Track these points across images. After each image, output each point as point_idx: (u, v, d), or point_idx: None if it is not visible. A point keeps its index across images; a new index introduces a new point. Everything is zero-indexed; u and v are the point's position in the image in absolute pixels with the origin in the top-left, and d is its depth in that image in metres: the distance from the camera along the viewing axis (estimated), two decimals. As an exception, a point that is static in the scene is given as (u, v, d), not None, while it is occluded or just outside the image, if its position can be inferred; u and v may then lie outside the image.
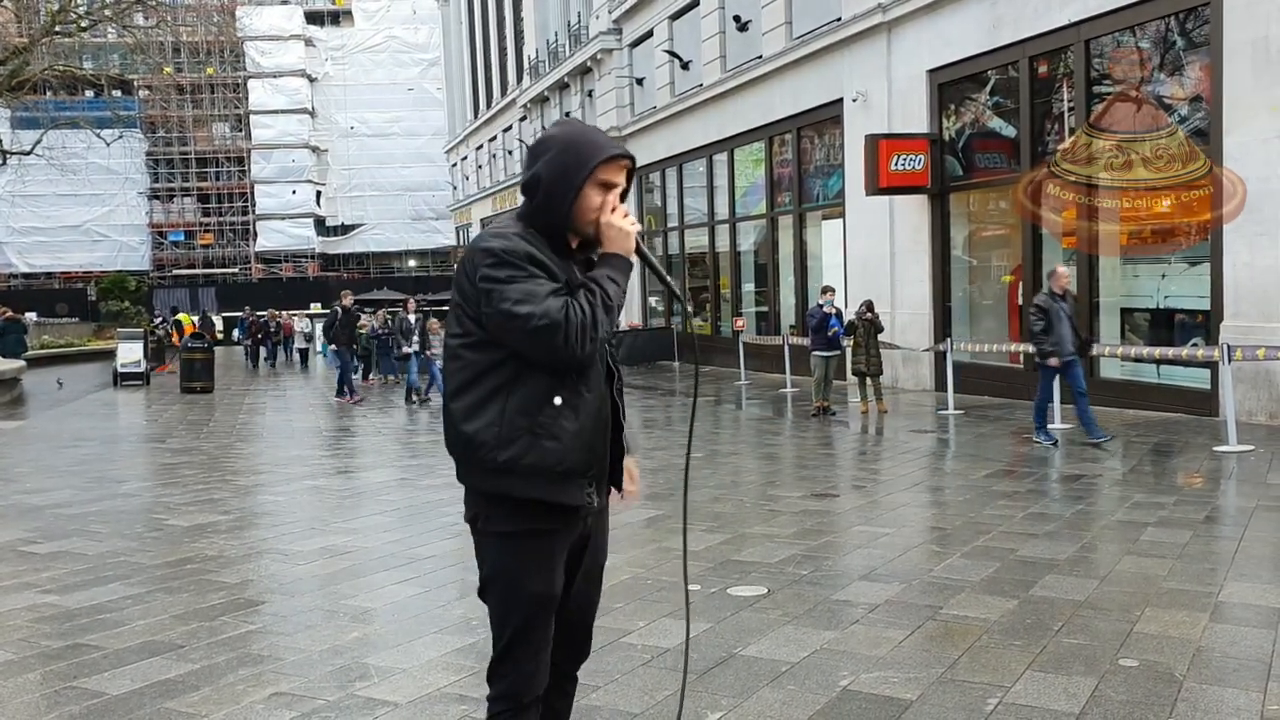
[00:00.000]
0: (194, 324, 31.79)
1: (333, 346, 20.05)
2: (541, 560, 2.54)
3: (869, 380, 13.49)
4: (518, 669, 2.55)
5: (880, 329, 13.57)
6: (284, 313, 35.51)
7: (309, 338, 31.71)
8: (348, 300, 20.39)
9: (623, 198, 2.62)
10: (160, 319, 35.20)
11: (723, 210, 23.39)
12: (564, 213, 2.52)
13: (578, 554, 2.66)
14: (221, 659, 4.44)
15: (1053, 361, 9.98)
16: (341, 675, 4.22)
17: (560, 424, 2.45)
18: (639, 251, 2.55)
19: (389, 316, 24.48)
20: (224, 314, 47.93)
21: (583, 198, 2.52)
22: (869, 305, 13.63)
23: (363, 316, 25.04)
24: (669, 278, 2.59)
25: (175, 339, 29.46)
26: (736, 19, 21.41)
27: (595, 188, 2.53)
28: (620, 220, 2.54)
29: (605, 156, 2.53)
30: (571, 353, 2.39)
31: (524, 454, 2.43)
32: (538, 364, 2.42)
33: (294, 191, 62.05)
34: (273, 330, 32.56)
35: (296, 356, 31.98)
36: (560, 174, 2.51)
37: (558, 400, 2.44)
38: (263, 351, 32.21)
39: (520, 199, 2.70)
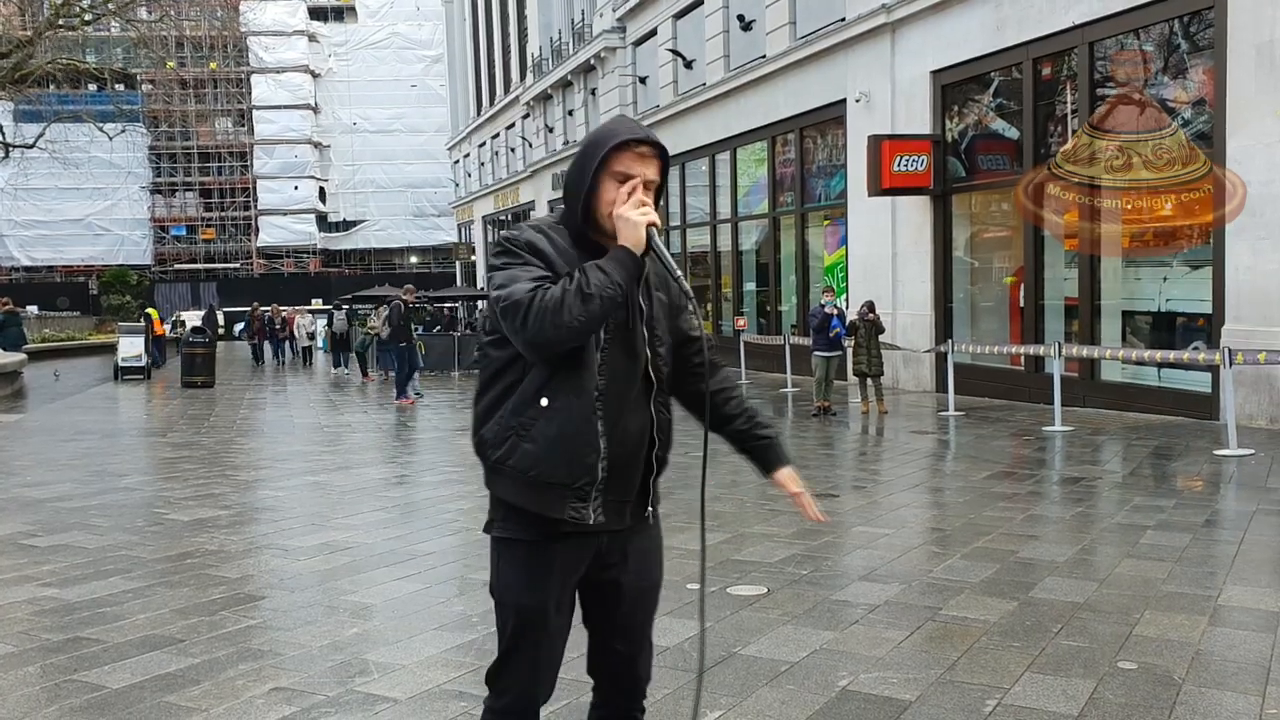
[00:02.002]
0: (160, 320, 30.69)
1: (398, 343, 17.73)
2: (532, 572, 2.42)
3: (870, 381, 13.49)
4: (513, 679, 2.48)
5: (881, 330, 13.57)
6: (287, 308, 34.59)
7: (312, 335, 31.01)
8: (409, 295, 19.31)
9: (658, 192, 2.42)
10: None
11: (725, 210, 23.39)
12: (581, 210, 2.39)
13: (604, 578, 2.49)
14: (221, 654, 4.45)
15: None
16: (341, 671, 4.22)
17: (539, 427, 2.33)
18: (650, 244, 2.33)
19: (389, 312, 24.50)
20: (224, 309, 47.89)
21: (600, 192, 2.37)
22: (870, 306, 13.63)
23: (371, 315, 24.98)
24: (680, 274, 2.40)
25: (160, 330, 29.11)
26: (740, 18, 21.41)
27: (611, 180, 2.36)
28: (629, 210, 2.32)
29: (615, 143, 2.36)
30: (530, 336, 2.24)
31: (508, 455, 2.36)
32: (531, 357, 2.32)
33: (296, 187, 62.13)
34: (278, 326, 31.61)
35: (300, 354, 30.83)
36: (578, 170, 2.40)
37: (544, 402, 2.33)
38: (269, 348, 31.36)
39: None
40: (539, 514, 2.37)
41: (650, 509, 2.52)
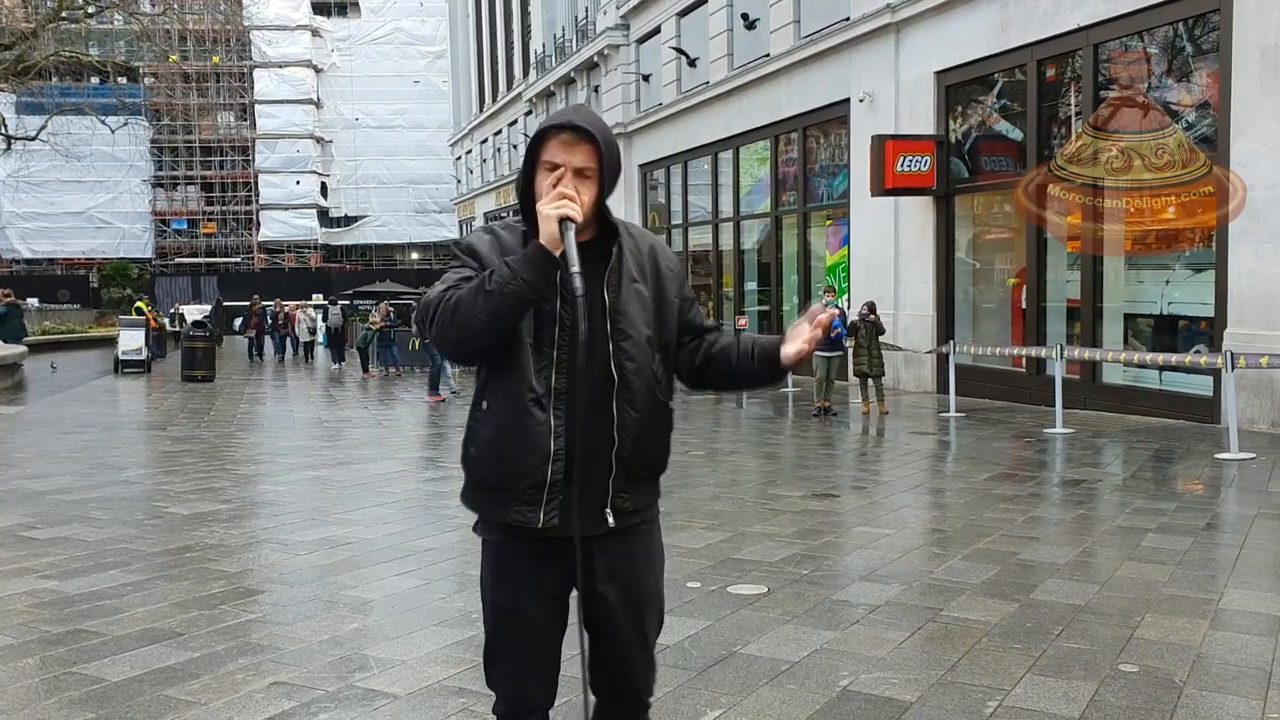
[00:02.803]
0: (153, 312, 30.17)
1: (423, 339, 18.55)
2: (501, 572, 2.41)
3: (870, 381, 13.48)
4: (500, 677, 2.47)
5: (881, 330, 13.56)
6: (290, 303, 33.32)
7: (313, 331, 29.81)
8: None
9: (604, 178, 2.27)
10: (150, 307, 34.53)
11: (727, 208, 23.38)
12: (526, 211, 2.30)
13: (590, 587, 2.39)
14: (221, 647, 4.44)
15: None
16: (341, 666, 4.22)
17: (479, 430, 2.34)
18: (563, 241, 2.17)
19: (390, 309, 24.51)
20: (225, 304, 47.81)
21: (536, 184, 2.28)
22: (871, 307, 13.62)
23: (372, 311, 24.90)
24: (576, 269, 2.14)
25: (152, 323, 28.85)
26: (744, 17, 21.39)
27: (543, 171, 2.28)
28: (543, 204, 2.20)
29: (539, 133, 2.28)
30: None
31: (464, 458, 2.41)
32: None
33: (298, 182, 62.12)
34: (280, 322, 30.61)
35: (301, 350, 29.83)
36: (521, 168, 2.35)
37: (484, 405, 2.33)
38: (270, 343, 30.47)
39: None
40: (488, 517, 2.38)
41: (609, 512, 2.35)
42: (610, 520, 2.35)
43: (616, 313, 2.32)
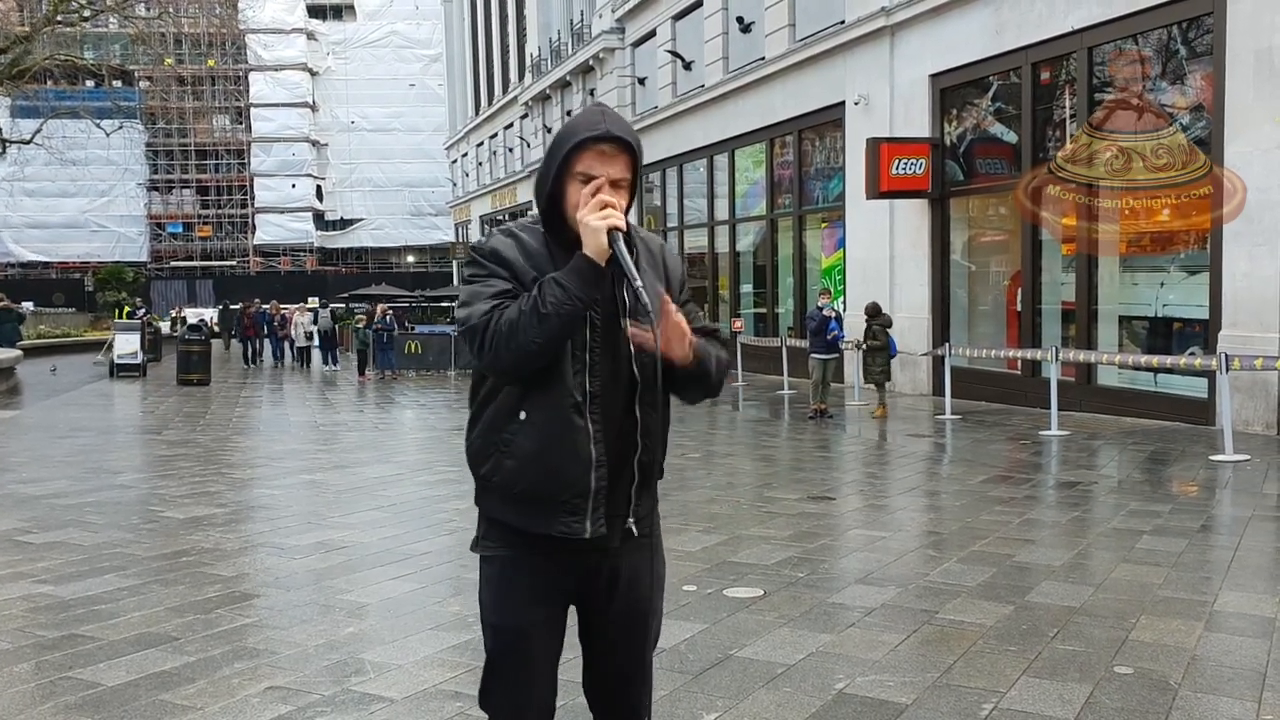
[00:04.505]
0: (131, 315, 29.47)
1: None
2: (510, 591, 2.33)
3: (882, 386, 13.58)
4: (499, 701, 2.40)
5: (889, 325, 13.69)
6: (288, 306, 31.96)
7: (310, 335, 28.06)
8: None
9: (632, 188, 2.29)
10: (144, 310, 34.20)
11: (722, 211, 23.40)
12: (549, 213, 2.28)
13: (593, 602, 2.37)
14: (217, 652, 4.43)
15: None
16: (337, 670, 4.21)
17: (519, 442, 2.24)
18: (614, 251, 2.16)
19: (387, 311, 24.50)
20: (216, 306, 47.71)
21: (566, 195, 2.25)
22: (877, 307, 13.72)
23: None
24: (640, 284, 2.15)
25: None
26: (739, 20, 21.42)
27: (575, 181, 2.23)
28: (589, 215, 2.17)
29: (574, 143, 2.22)
30: (488, 363, 2.18)
31: (494, 471, 2.28)
32: (499, 381, 2.24)
33: (293, 185, 62.10)
34: (277, 324, 29.52)
35: (297, 355, 28.38)
36: (542, 172, 2.29)
37: (523, 415, 2.23)
38: (268, 347, 29.59)
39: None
40: (525, 530, 2.28)
41: (632, 520, 2.31)
42: (634, 529, 2.31)
43: (635, 311, 2.25)
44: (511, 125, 39.96)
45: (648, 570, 2.39)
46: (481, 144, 45.15)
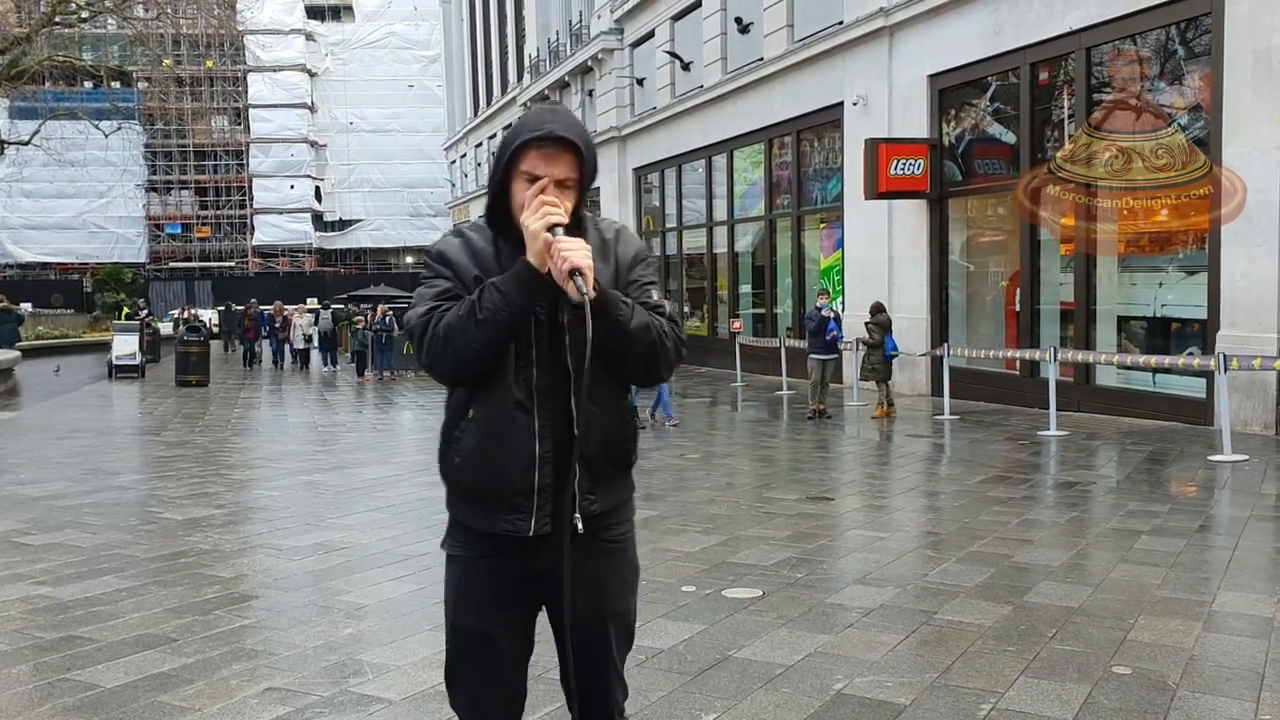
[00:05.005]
0: (128, 316, 29.25)
1: None
2: (465, 590, 2.32)
3: (879, 383, 13.57)
4: (462, 700, 2.38)
5: (888, 328, 13.71)
6: (289, 307, 31.11)
7: (309, 337, 27.42)
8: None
9: (582, 188, 2.23)
10: (145, 311, 34.05)
11: (721, 212, 23.40)
12: (494, 213, 2.25)
13: (555, 604, 2.29)
14: (215, 653, 4.43)
15: None
16: (335, 671, 4.21)
17: (465, 440, 2.24)
18: (550, 255, 2.12)
19: (386, 312, 24.49)
20: (217, 308, 47.66)
21: (513, 195, 2.22)
22: (880, 306, 13.74)
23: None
24: (587, 285, 2.10)
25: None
26: (738, 21, 21.41)
27: (521, 181, 2.21)
28: (530, 218, 2.13)
29: (518, 143, 2.20)
30: (427, 365, 2.20)
31: (447, 468, 2.31)
32: (441, 383, 2.26)
33: (292, 186, 62.09)
34: (277, 325, 28.89)
35: (296, 357, 27.58)
36: (490, 172, 2.27)
37: (470, 413, 2.24)
38: (268, 348, 29.11)
39: None
40: (474, 528, 2.28)
41: (579, 517, 2.22)
42: (578, 525, 2.22)
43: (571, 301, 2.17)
44: (510, 126, 39.90)
45: (609, 571, 2.34)
46: (480, 145, 45.12)
